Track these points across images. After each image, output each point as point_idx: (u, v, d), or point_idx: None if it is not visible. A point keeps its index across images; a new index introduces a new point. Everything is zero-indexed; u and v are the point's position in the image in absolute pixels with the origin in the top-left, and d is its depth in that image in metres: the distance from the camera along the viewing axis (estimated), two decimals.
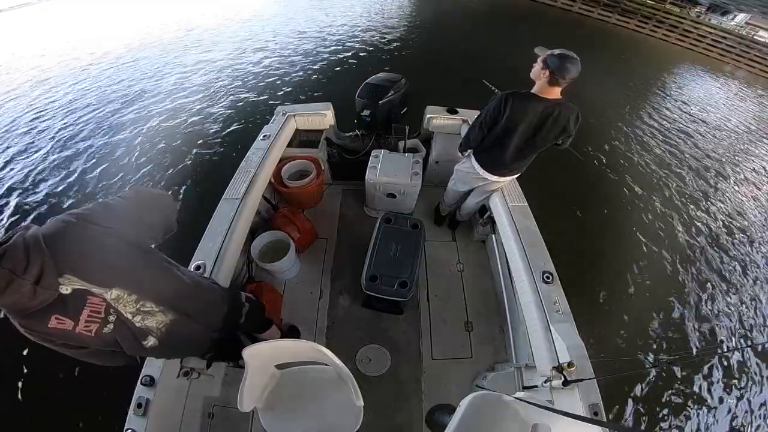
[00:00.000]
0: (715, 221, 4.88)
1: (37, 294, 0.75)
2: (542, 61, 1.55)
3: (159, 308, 1.02)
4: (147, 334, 1.02)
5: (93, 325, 0.88)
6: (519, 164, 1.93)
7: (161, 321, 1.03)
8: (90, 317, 0.87)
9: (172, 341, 1.10)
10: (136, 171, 4.69)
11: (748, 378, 3.09)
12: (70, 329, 0.84)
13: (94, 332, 0.89)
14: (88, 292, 0.85)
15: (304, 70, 7.58)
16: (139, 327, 0.99)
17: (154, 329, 1.03)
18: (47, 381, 2.62)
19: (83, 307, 0.85)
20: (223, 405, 1.71)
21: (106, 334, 0.92)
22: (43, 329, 0.81)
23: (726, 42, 14.58)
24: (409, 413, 1.88)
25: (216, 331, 1.26)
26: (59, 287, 0.80)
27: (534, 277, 1.65)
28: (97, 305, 0.88)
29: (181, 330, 1.10)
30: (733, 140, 7.63)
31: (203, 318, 1.20)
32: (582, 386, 1.24)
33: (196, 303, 1.18)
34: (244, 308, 1.41)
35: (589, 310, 3.20)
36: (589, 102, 7.54)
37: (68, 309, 0.83)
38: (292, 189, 2.52)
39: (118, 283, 0.91)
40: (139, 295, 0.97)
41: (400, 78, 2.69)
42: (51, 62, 8.54)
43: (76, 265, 0.83)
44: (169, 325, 1.06)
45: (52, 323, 0.81)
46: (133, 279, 0.96)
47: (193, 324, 1.15)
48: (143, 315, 0.99)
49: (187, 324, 1.12)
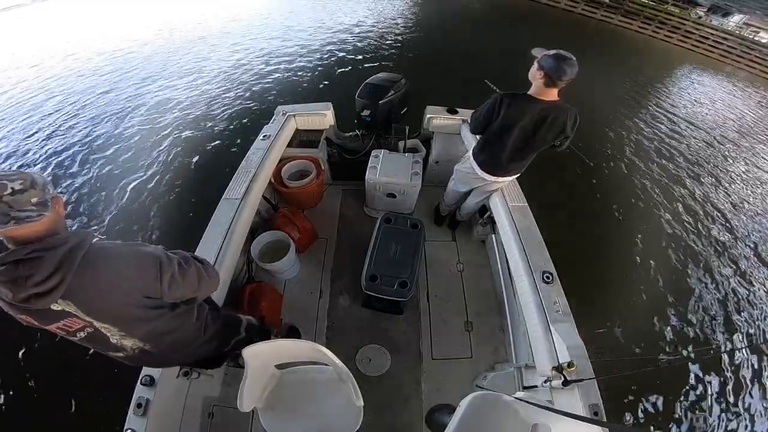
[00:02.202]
0: (717, 221, 4.88)
1: (30, 301, 0.75)
2: (538, 62, 1.54)
3: (141, 343, 1.01)
4: (119, 350, 1.01)
5: (60, 332, 0.88)
6: (517, 165, 1.92)
7: (138, 346, 1.02)
8: (59, 330, 0.87)
9: (141, 360, 1.10)
10: (136, 171, 4.69)
11: (749, 378, 3.09)
12: (37, 326, 0.84)
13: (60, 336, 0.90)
14: (75, 316, 0.84)
15: (304, 70, 7.58)
16: (114, 343, 0.98)
17: (128, 348, 1.01)
18: (47, 381, 2.62)
19: (59, 321, 0.84)
20: (223, 405, 1.71)
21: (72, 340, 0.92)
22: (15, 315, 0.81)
23: (727, 43, 14.60)
24: (409, 413, 1.88)
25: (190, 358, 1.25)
26: (52, 305, 0.79)
27: (534, 277, 1.65)
28: (74, 324, 0.87)
29: (154, 358, 1.10)
30: (736, 140, 7.63)
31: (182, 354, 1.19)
32: (582, 386, 1.24)
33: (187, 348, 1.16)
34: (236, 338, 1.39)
35: (589, 310, 3.20)
36: (592, 102, 7.55)
37: (44, 317, 0.82)
38: (292, 189, 2.52)
39: (116, 324, 0.92)
40: (128, 333, 0.96)
41: (400, 78, 2.69)
42: (52, 63, 8.54)
43: (86, 300, 0.83)
44: (145, 350, 1.04)
45: (21, 317, 0.81)
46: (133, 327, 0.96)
47: (168, 355, 1.14)
48: (122, 337, 0.97)
49: (162, 355, 1.10)
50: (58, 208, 0.80)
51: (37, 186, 0.74)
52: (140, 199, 4.23)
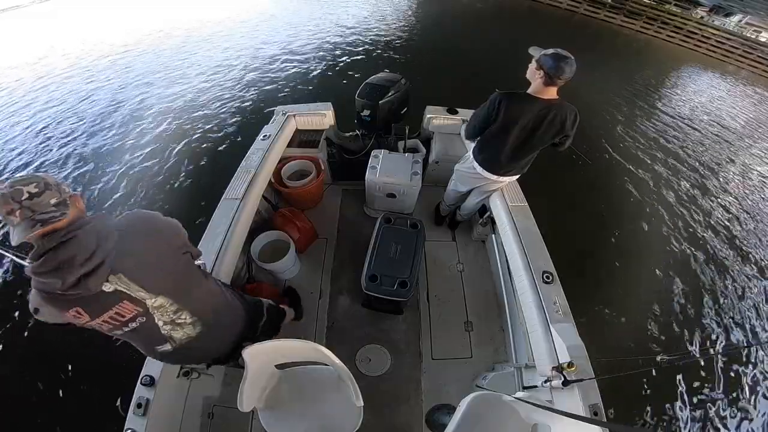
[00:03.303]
0: (718, 221, 4.88)
1: (81, 285, 0.76)
2: (536, 61, 1.54)
3: (192, 319, 1.03)
4: (166, 341, 1.03)
5: (107, 326, 0.88)
6: (517, 164, 1.92)
7: (187, 334, 1.05)
8: (111, 319, 0.87)
9: (185, 352, 1.11)
10: (135, 171, 4.68)
11: (749, 377, 3.09)
12: (82, 323, 0.84)
13: (106, 330, 0.90)
14: (127, 296, 0.85)
15: (304, 70, 7.58)
16: (163, 334, 1.00)
17: (176, 339, 1.04)
18: (47, 381, 2.62)
19: (111, 308, 0.85)
20: (223, 405, 1.71)
21: (116, 335, 0.93)
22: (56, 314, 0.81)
23: (729, 43, 14.60)
24: (409, 413, 1.88)
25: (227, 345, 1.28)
26: (103, 285, 0.80)
27: (534, 277, 1.65)
28: (126, 310, 0.88)
29: (199, 345, 1.12)
30: (738, 139, 7.63)
31: (222, 334, 1.23)
32: (582, 386, 1.24)
33: (225, 318, 1.21)
34: (261, 321, 1.44)
35: (589, 310, 3.20)
36: (593, 102, 7.55)
37: (95, 306, 0.83)
38: (292, 189, 2.52)
39: (167, 292, 0.93)
40: (180, 305, 0.98)
41: (400, 78, 2.69)
42: (54, 62, 8.54)
43: (138, 267, 0.85)
44: (192, 339, 1.07)
45: (70, 313, 0.81)
46: (181, 288, 0.98)
47: (211, 340, 1.17)
48: (174, 326, 1.00)
49: (206, 339, 1.13)
50: (78, 204, 0.82)
51: (51, 187, 0.75)
52: (139, 199, 4.23)
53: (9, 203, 0.70)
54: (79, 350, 2.67)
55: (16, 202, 0.70)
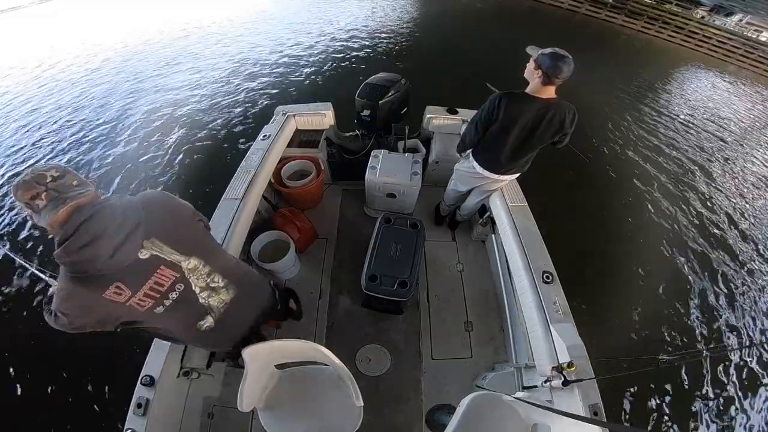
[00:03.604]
0: (719, 221, 4.88)
1: (116, 254, 0.79)
2: (534, 60, 1.55)
3: (224, 282, 1.08)
4: (206, 314, 1.07)
5: (148, 301, 0.90)
6: (517, 163, 1.93)
7: (223, 300, 1.09)
8: (151, 291, 0.89)
9: (227, 324, 1.14)
10: (134, 171, 4.69)
11: (749, 377, 3.09)
12: (122, 302, 0.85)
13: (146, 309, 0.91)
14: (163, 261, 0.90)
15: (304, 70, 7.58)
16: (202, 304, 1.04)
17: (215, 308, 1.08)
18: (47, 381, 2.63)
19: (150, 277, 0.88)
20: (223, 405, 1.71)
21: (156, 314, 0.94)
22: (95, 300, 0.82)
23: (731, 43, 14.58)
24: (409, 413, 1.88)
25: (261, 314, 1.32)
26: (139, 251, 0.84)
27: (534, 277, 1.65)
28: (165, 277, 0.91)
29: (237, 311, 1.16)
30: (739, 138, 7.62)
31: (256, 297, 1.28)
32: (582, 386, 1.24)
33: (251, 279, 1.25)
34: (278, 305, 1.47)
35: (589, 310, 3.20)
36: (594, 102, 7.55)
37: (134, 277, 0.86)
38: (292, 189, 2.52)
39: (197, 252, 0.99)
40: (212, 266, 1.04)
41: (400, 78, 2.69)
42: (53, 62, 8.55)
43: (165, 230, 0.90)
44: (229, 305, 1.11)
45: (109, 292, 0.82)
46: (207, 249, 1.05)
47: (247, 305, 1.21)
48: (210, 291, 1.05)
49: (243, 304, 1.18)
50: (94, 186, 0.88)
51: (70, 171, 0.81)
52: None
53: (34, 187, 0.73)
54: (79, 350, 2.68)
55: (41, 185, 0.74)
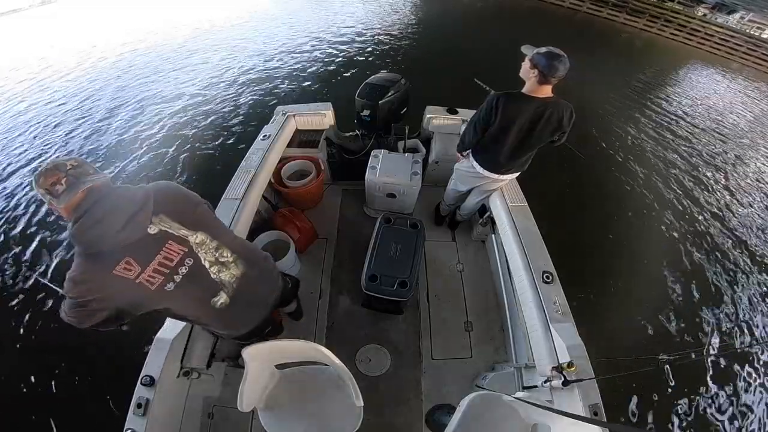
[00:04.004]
0: (719, 221, 4.87)
1: (126, 226, 0.86)
2: (530, 60, 1.55)
3: (233, 256, 1.11)
4: (219, 290, 1.09)
5: (158, 277, 0.93)
6: (517, 163, 1.93)
7: (234, 275, 1.11)
8: (160, 266, 0.93)
9: (241, 301, 1.15)
10: (133, 172, 4.69)
11: (749, 377, 3.09)
12: (132, 278, 0.89)
13: (156, 286, 0.94)
14: (171, 236, 0.95)
15: (304, 70, 7.58)
16: (214, 279, 1.06)
17: (227, 283, 1.09)
18: (47, 381, 2.63)
19: (159, 252, 0.93)
20: (223, 405, 1.71)
21: (167, 292, 0.96)
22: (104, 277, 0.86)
23: (733, 41, 14.55)
24: (409, 413, 1.88)
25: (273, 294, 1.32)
26: (149, 227, 0.90)
27: (534, 277, 1.65)
28: (173, 252, 0.96)
29: (249, 287, 1.17)
30: (741, 136, 7.61)
31: (266, 274, 1.28)
32: (582, 386, 1.24)
33: (258, 256, 1.27)
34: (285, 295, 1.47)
35: (589, 310, 3.20)
36: (596, 101, 7.54)
37: (144, 252, 0.91)
38: (292, 189, 2.52)
39: (203, 227, 1.04)
40: (219, 241, 1.08)
41: (400, 78, 2.69)
42: (53, 62, 8.55)
43: (174, 209, 0.97)
44: (240, 279, 1.13)
45: (119, 268, 0.87)
46: (214, 226, 1.10)
47: (257, 281, 1.22)
48: (220, 266, 1.07)
49: (254, 279, 1.19)
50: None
51: (86, 163, 0.90)
52: None
53: (55, 173, 0.82)
54: (79, 350, 2.68)
55: (62, 172, 0.82)
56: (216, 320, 1.14)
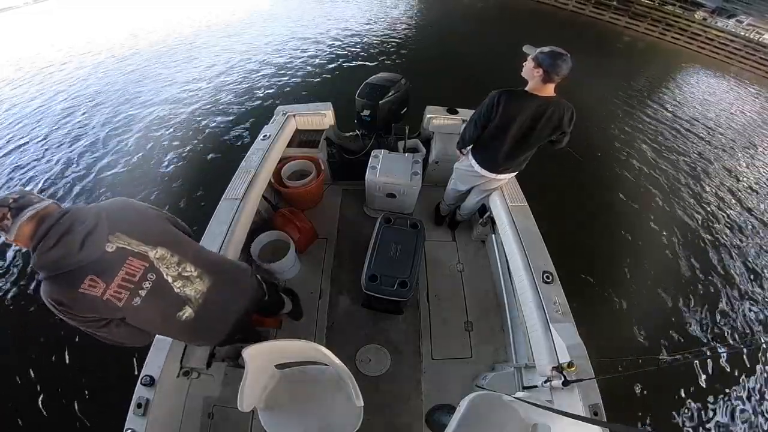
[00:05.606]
0: (719, 221, 4.88)
1: (84, 246, 0.85)
2: (533, 59, 1.56)
3: (197, 271, 1.09)
4: (184, 304, 1.07)
5: (123, 293, 0.93)
6: (516, 161, 1.93)
7: (198, 290, 1.10)
8: (124, 281, 0.93)
9: (207, 315, 1.14)
10: (133, 172, 4.69)
11: (749, 377, 3.09)
12: (99, 295, 0.89)
13: (123, 302, 0.94)
14: (130, 252, 0.94)
15: (304, 71, 7.58)
16: (178, 293, 1.05)
17: (192, 298, 1.08)
18: (47, 381, 2.63)
19: (120, 268, 0.92)
20: (223, 405, 1.71)
21: (135, 307, 0.96)
22: (72, 295, 0.87)
23: (733, 45, 14.60)
24: (409, 413, 1.88)
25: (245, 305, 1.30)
26: (106, 245, 0.90)
27: (534, 277, 1.64)
28: (134, 268, 0.95)
29: (216, 301, 1.15)
30: (741, 138, 7.62)
31: (236, 287, 1.27)
32: (582, 386, 1.24)
33: (228, 269, 1.26)
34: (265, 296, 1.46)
35: (589, 310, 3.19)
36: (598, 103, 7.55)
37: (105, 269, 0.90)
38: (292, 189, 2.52)
39: (163, 243, 1.02)
40: (181, 256, 1.06)
41: (400, 78, 2.69)
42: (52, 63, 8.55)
43: (127, 226, 0.96)
44: (206, 294, 1.12)
45: (84, 285, 0.87)
46: (174, 241, 1.08)
47: (227, 295, 1.21)
48: (183, 281, 1.05)
49: (222, 293, 1.18)
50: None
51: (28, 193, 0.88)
52: (138, 199, 4.23)
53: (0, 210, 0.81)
54: (79, 350, 2.68)
55: (5, 207, 0.81)
56: (181, 333, 1.16)
